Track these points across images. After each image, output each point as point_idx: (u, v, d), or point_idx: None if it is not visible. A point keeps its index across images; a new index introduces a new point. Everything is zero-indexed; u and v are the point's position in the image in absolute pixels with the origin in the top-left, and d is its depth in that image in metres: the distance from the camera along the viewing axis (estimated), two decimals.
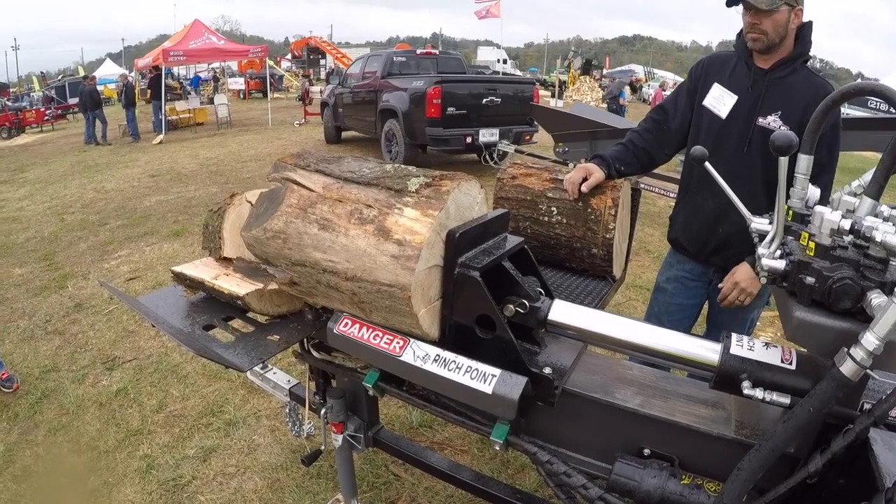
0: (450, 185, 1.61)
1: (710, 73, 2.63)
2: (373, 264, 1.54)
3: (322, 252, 1.61)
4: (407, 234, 1.51)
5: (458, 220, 1.65)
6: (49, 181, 12.49)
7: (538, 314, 1.61)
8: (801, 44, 2.42)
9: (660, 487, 1.40)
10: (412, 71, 12.99)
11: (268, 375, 2.80)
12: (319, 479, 3.06)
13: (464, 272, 1.55)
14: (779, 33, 2.35)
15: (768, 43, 2.38)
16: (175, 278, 2.23)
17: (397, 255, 1.50)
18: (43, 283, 6.25)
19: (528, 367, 1.53)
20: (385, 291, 1.54)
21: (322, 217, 1.63)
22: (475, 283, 1.53)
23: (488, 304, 1.55)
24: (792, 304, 1.25)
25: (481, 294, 1.54)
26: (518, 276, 1.66)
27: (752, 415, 1.48)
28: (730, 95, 2.52)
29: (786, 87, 2.42)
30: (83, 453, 3.44)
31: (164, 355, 4.49)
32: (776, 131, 1.30)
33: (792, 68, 2.41)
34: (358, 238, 1.56)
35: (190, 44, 19.12)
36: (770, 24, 2.32)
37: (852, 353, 1.12)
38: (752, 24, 2.37)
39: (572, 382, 1.58)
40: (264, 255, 1.78)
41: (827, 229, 1.21)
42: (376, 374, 1.78)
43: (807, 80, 2.41)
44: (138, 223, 8.42)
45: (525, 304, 1.59)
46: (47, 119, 26.29)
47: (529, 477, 3.06)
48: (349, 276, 1.59)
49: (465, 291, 1.57)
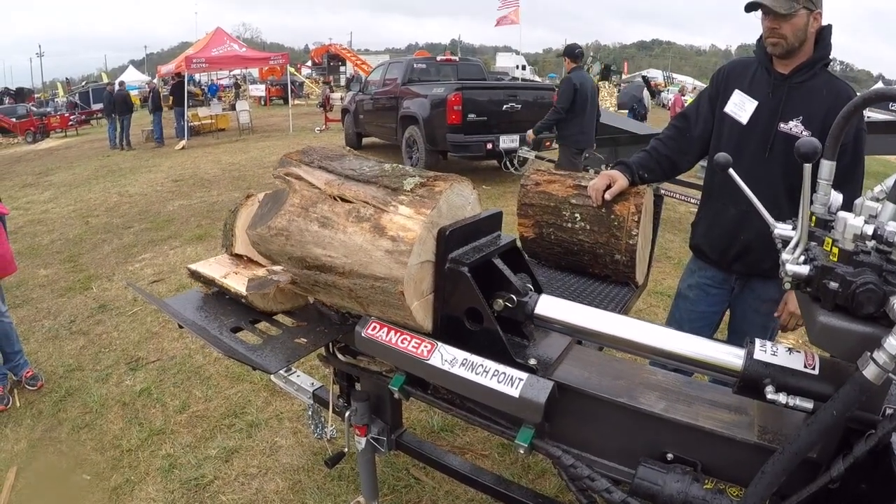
0: (443, 185, 1.70)
1: (732, 80, 2.63)
2: (368, 259, 1.63)
3: (322, 248, 1.71)
4: (400, 231, 1.61)
5: (450, 219, 1.73)
6: (73, 185, 12.66)
7: (525, 308, 1.68)
8: (821, 47, 2.42)
9: (683, 492, 1.41)
10: (432, 78, 13.03)
11: (291, 378, 2.83)
12: (341, 481, 3.08)
13: (453, 267, 1.64)
14: (798, 37, 2.35)
15: (787, 47, 2.38)
16: (190, 275, 2.37)
17: (391, 250, 1.60)
18: (68, 284, 6.34)
19: (513, 357, 1.60)
20: (380, 286, 1.64)
21: (322, 215, 1.73)
22: (464, 277, 1.62)
23: (476, 298, 1.62)
24: (815, 308, 1.26)
25: (469, 288, 1.62)
26: (508, 272, 1.73)
27: (775, 420, 1.48)
28: (750, 101, 2.52)
29: (806, 91, 2.42)
30: (106, 451, 3.50)
31: (187, 357, 4.54)
32: (801, 138, 1.30)
33: (812, 72, 2.41)
34: (355, 235, 1.66)
35: (212, 51, 19.33)
36: (789, 28, 2.33)
37: (875, 357, 1.12)
38: (770, 29, 2.37)
39: (596, 387, 1.59)
40: (268, 251, 1.89)
41: (850, 235, 1.22)
42: (402, 377, 1.80)
43: (828, 84, 2.40)
44: (162, 227, 8.51)
45: (513, 298, 1.67)
46: (71, 124, 26.67)
47: (550, 482, 3.07)
48: (347, 270, 1.69)
49: (454, 285, 1.65)
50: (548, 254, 2.83)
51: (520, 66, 50.50)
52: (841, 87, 2.41)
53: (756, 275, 2.67)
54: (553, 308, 1.69)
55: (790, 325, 2.56)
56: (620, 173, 2.62)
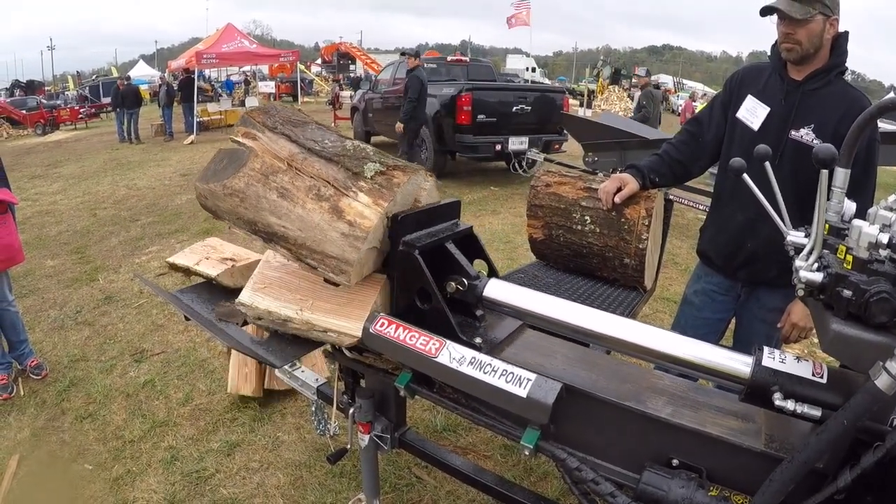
0: (401, 178, 1.77)
1: (745, 85, 2.61)
2: (323, 237, 1.71)
3: (277, 217, 1.76)
4: (357, 217, 1.69)
5: (402, 206, 1.82)
6: (82, 177, 12.71)
7: (475, 291, 1.76)
8: (837, 54, 2.39)
9: (687, 498, 1.40)
10: (442, 78, 13.02)
11: (296, 373, 2.83)
12: (342, 477, 3.08)
13: (405, 250, 1.73)
14: (813, 44, 2.33)
15: (802, 53, 2.36)
16: (170, 268, 2.46)
17: (347, 234, 1.68)
18: (74, 276, 6.37)
19: (459, 335, 1.70)
20: (329, 262, 1.73)
21: (282, 186, 1.77)
22: (414, 259, 1.71)
23: (425, 279, 1.72)
24: (828, 316, 1.25)
25: (419, 269, 1.72)
26: (460, 257, 1.82)
27: (782, 429, 1.47)
28: (762, 107, 2.50)
29: (819, 99, 2.39)
30: (108, 442, 3.51)
31: (191, 350, 4.55)
32: (818, 145, 1.29)
33: (826, 80, 2.38)
34: (314, 212, 1.71)
35: (223, 47, 19.38)
36: (804, 33, 2.30)
37: (888, 366, 1.11)
38: (786, 35, 2.35)
39: (603, 390, 1.59)
40: (215, 207, 1.93)
41: (865, 243, 1.21)
42: (408, 375, 1.80)
43: (842, 93, 2.37)
44: (169, 220, 8.54)
45: (464, 281, 1.75)
46: (81, 117, 26.78)
47: (552, 485, 3.06)
48: (299, 243, 1.75)
49: (406, 267, 1.75)
50: (556, 256, 2.83)
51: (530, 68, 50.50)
52: (855, 95, 2.37)
53: (762, 283, 2.65)
54: (501, 291, 1.77)
55: (792, 337, 2.54)
56: (631, 177, 2.61)
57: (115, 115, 19.62)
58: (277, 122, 1.94)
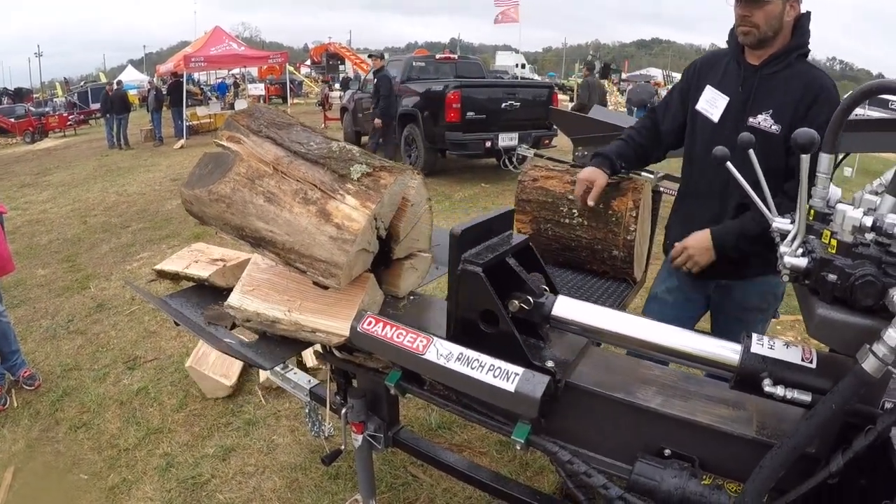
0: (388, 179, 1.75)
1: (703, 75, 2.52)
2: (312, 241, 1.70)
3: (264, 222, 1.76)
4: (345, 220, 1.68)
5: (391, 207, 1.81)
6: (72, 184, 12.66)
7: (542, 310, 1.63)
8: (797, 36, 2.28)
9: (680, 487, 1.39)
10: (431, 76, 13.00)
11: (288, 375, 2.83)
12: (338, 479, 3.08)
13: (467, 268, 1.59)
14: (772, 26, 2.22)
15: (760, 37, 2.25)
16: (158, 275, 2.48)
17: (335, 237, 1.67)
18: (66, 284, 6.34)
19: (530, 360, 1.55)
20: (318, 266, 1.72)
21: (268, 191, 1.77)
22: (478, 278, 1.57)
23: (490, 299, 1.58)
24: (814, 301, 1.24)
25: (484, 289, 1.57)
26: (522, 272, 1.68)
27: (774, 416, 1.47)
28: (721, 97, 2.42)
29: (778, 83, 2.29)
30: (103, 451, 3.49)
31: (184, 355, 4.52)
32: (799, 129, 1.27)
33: (786, 62, 2.28)
34: (301, 216, 1.71)
35: (211, 50, 19.33)
36: (762, 16, 2.20)
37: (875, 349, 1.11)
38: (742, 17, 2.25)
39: (592, 381, 1.58)
40: (201, 213, 1.93)
41: (849, 227, 1.20)
42: (398, 373, 1.79)
43: (802, 74, 2.26)
44: (160, 226, 8.52)
45: (529, 300, 1.61)
46: (70, 124, 26.65)
47: (548, 479, 3.06)
48: (287, 247, 1.75)
49: (468, 287, 1.60)
50: (545, 250, 2.82)
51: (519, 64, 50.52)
52: (815, 75, 2.26)
53: (736, 278, 2.53)
54: (571, 310, 1.64)
55: (678, 262, 2.44)
56: (599, 170, 2.53)
57: (105, 121, 19.53)
58: (262, 124, 1.94)
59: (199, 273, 2.31)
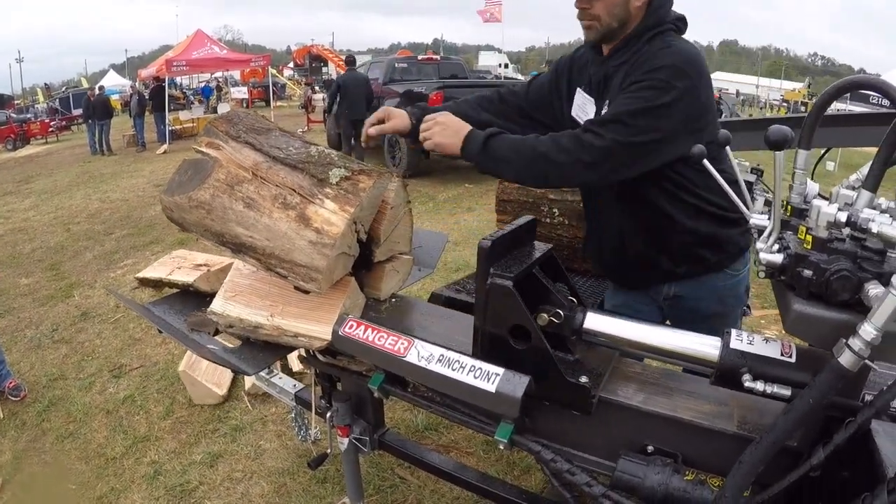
0: (366, 182, 1.76)
1: (573, 77, 2.19)
2: (291, 246, 1.71)
3: (245, 228, 1.77)
4: (325, 225, 1.69)
5: (370, 210, 1.83)
6: (54, 192, 12.57)
7: (573, 323, 1.58)
8: (647, 17, 1.90)
9: (663, 483, 1.40)
10: (414, 77, 13.00)
11: (273, 380, 2.82)
12: (326, 483, 3.07)
13: (497, 282, 1.51)
14: (615, 16, 1.89)
15: (603, 30, 1.92)
16: (140, 283, 2.46)
17: (315, 241, 1.68)
18: (49, 293, 6.29)
19: (564, 376, 1.51)
20: (299, 270, 1.73)
21: (248, 196, 1.77)
22: (508, 292, 1.50)
23: (522, 314, 1.51)
24: (790, 297, 1.25)
25: (515, 304, 1.51)
26: (550, 284, 1.63)
27: (755, 411, 1.48)
28: (590, 102, 2.07)
29: (624, 73, 1.91)
30: (91, 460, 3.46)
31: (170, 362, 4.50)
32: (771, 126, 1.27)
33: (635, 48, 1.90)
34: (280, 221, 1.72)
35: (193, 53, 19.20)
36: (602, 6, 1.88)
37: (851, 343, 1.12)
38: (581, 10, 1.93)
39: None
40: (181, 219, 1.94)
41: (824, 222, 1.21)
42: (381, 375, 1.79)
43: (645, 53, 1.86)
44: (143, 232, 8.47)
45: (559, 313, 1.56)
46: (52, 130, 26.44)
47: (535, 478, 3.06)
48: (267, 252, 1.75)
49: (498, 301, 1.53)
50: None
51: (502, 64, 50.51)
52: (653, 50, 1.84)
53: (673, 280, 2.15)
54: (603, 323, 1.60)
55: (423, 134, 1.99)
56: (405, 113, 2.16)
57: (87, 126, 19.38)
58: (241, 130, 1.94)
59: (183, 279, 2.30)
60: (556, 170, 1.80)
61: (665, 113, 1.74)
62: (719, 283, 2.11)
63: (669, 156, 1.82)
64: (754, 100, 50.47)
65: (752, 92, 54.47)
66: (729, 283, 2.13)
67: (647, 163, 1.81)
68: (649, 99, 1.73)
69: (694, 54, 1.80)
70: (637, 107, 1.74)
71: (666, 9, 1.92)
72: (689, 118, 1.78)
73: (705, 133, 1.79)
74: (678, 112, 1.75)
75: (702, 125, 1.82)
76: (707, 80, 1.84)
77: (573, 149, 1.76)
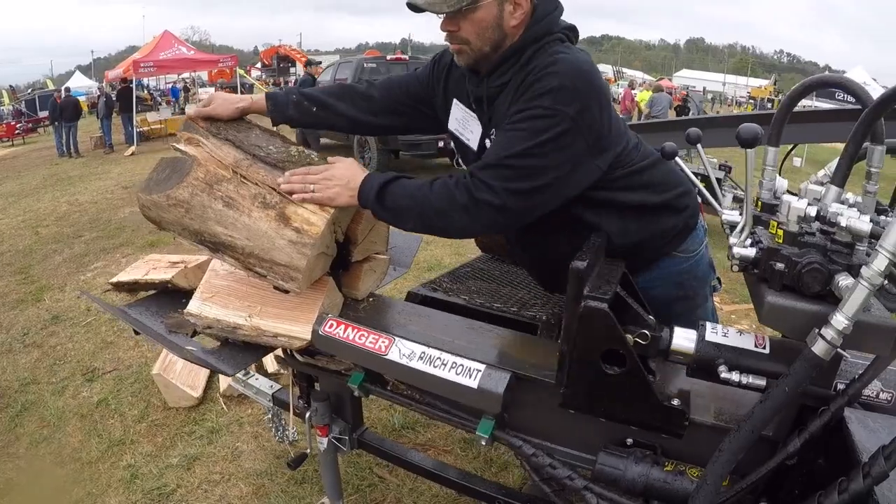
0: None
1: (450, 86, 1.99)
2: (271, 246, 1.71)
3: (224, 227, 1.76)
4: (304, 224, 1.69)
5: (348, 211, 1.84)
6: (22, 194, 12.33)
7: (659, 344, 1.48)
8: (528, 29, 1.69)
9: (644, 475, 1.43)
10: (383, 77, 12.95)
11: (250, 381, 2.81)
12: (304, 483, 3.06)
13: (591, 304, 1.41)
14: (487, 39, 1.68)
15: (476, 55, 1.72)
16: (114, 288, 2.40)
17: (295, 241, 1.69)
18: (19, 297, 6.18)
19: (660, 401, 1.44)
20: (278, 270, 1.73)
21: (227, 195, 1.76)
22: (605, 315, 1.40)
23: (618, 337, 1.42)
24: (763, 289, 1.29)
25: (610, 327, 1.41)
26: (634, 303, 1.54)
27: (730, 402, 1.52)
28: (473, 118, 1.88)
29: (503, 98, 1.73)
30: (66, 465, 3.41)
31: (143, 365, 4.45)
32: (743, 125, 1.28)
33: (516, 67, 1.69)
34: (260, 220, 1.72)
35: (160, 54, 18.96)
36: (471, 28, 1.66)
37: (823, 333, 1.16)
38: (448, 34, 1.72)
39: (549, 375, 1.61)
40: (159, 218, 1.91)
41: (794, 216, 1.27)
42: (361, 374, 1.80)
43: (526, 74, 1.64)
44: (113, 235, 8.35)
45: (646, 334, 1.47)
46: (18, 133, 25.96)
47: (512, 475, 3.08)
48: (247, 252, 1.75)
49: (592, 325, 1.42)
50: (501, 248, 2.84)
51: None
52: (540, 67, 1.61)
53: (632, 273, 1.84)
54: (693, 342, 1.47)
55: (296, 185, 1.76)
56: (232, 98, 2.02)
57: (54, 128, 19.05)
58: (221, 127, 1.94)
59: (160, 276, 2.26)
60: (455, 228, 1.69)
61: (558, 145, 1.55)
62: (673, 269, 1.93)
63: (579, 187, 1.66)
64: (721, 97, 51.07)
65: (719, 89, 55.11)
66: (685, 267, 1.94)
67: (552, 202, 1.65)
68: (536, 133, 1.54)
69: (584, 67, 1.60)
70: (522, 147, 1.55)
71: (553, 18, 1.72)
72: (587, 143, 1.59)
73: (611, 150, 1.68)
74: (572, 141, 1.57)
75: (605, 144, 1.66)
76: (602, 92, 1.63)
77: (470, 207, 1.60)
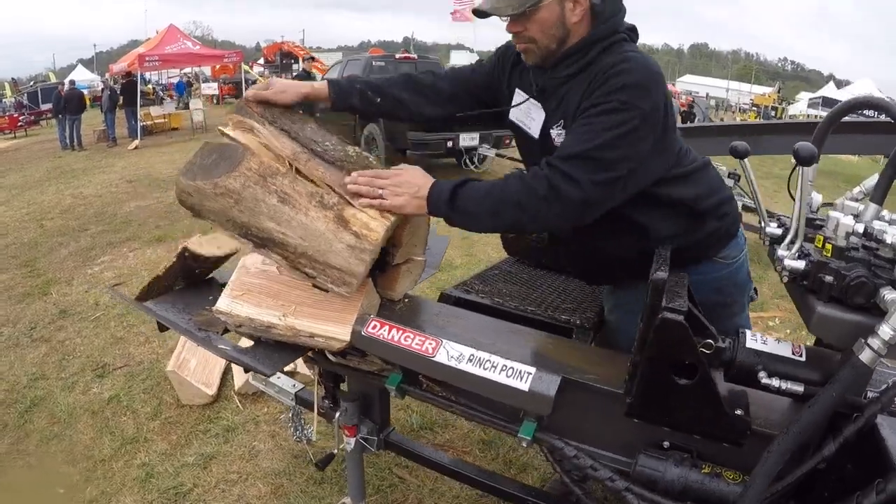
0: None
1: (514, 76, 2.06)
2: (328, 248, 1.67)
3: (277, 223, 1.70)
4: (363, 229, 1.67)
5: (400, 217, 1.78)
6: (25, 187, 12.33)
7: (723, 355, 1.50)
8: (596, 27, 1.78)
9: (682, 477, 1.47)
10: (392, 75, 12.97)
11: (271, 380, 2.80)
12: (324, 483, 3.07)
13: (668, 317, 1.39)
14: (552, 36, 1.77)
15: (543, 53, 1.81)
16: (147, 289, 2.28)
17: (353, 245, 1.66)
18: (25, 290, 6.18)
19: (727, 410, 1.43)
20: (332, 273, 1.70)
21: (282, 190, 1.71)
22: (681, 327, 1.39)
23: (692, 350, 1.42)
24: (813, 300, 1.37)
25: (686, 339, 1.41)
26: (700, 314, 1.53)
27: (763, 407, 1.55)
28: (537, 107, 1.94)
29: (569, 88, 1.82)
30: (78, 462, 3.40)
31: (155, 362, 4.46)
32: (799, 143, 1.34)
33: (583, 62, 1.78)
34: (318, 220, 1.68)
35: (165, 48, 18.99)
36: (536, 28, 1.76)
37: (870, 342, 1.23)
38: (515, 35, 1.82)
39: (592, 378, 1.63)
40: (200, 206, 1.79)
41: (843, 232, 1.34)
42: (399, 375, 1.81)
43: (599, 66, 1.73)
44: (119, 229, 8.36)
45: (711, 344, 1.48)
46: (21, 125, 25.97)
47: (532, 476, 3.12)
48: (300, 251, 1.70)
49: (667, 337, 1.41)
50: (527, 251, 2.86)
51: None
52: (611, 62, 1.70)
53: None
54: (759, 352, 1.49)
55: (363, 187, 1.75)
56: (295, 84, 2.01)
57: (57, 121, 19.05)
58: (276, 114, 1.87)
59: None
60: (532, 220, 1.70)
61: (634, 139, 1.63)
62: (713, 274, 1.96)
63: (644, 182, 1.75)
64: (725, 103, 51.05)
65: (723, 95, 55.06)
66: (725, 273, 1.98)
67: (620, 196, 1.71)
68: (615, 125, 1.61)
69: (654, 69, 1.69)
70: (602, 140, 1.61)
71: (618, 19, 1.79)
72: (655, 139, 1.68)
73: (671, 150, 1.79)
74: (646, 135, 1.65)
75: (667, 144, 1.76)
76: (667, 95, 1.73)
77: (551, 198, 1.63)
